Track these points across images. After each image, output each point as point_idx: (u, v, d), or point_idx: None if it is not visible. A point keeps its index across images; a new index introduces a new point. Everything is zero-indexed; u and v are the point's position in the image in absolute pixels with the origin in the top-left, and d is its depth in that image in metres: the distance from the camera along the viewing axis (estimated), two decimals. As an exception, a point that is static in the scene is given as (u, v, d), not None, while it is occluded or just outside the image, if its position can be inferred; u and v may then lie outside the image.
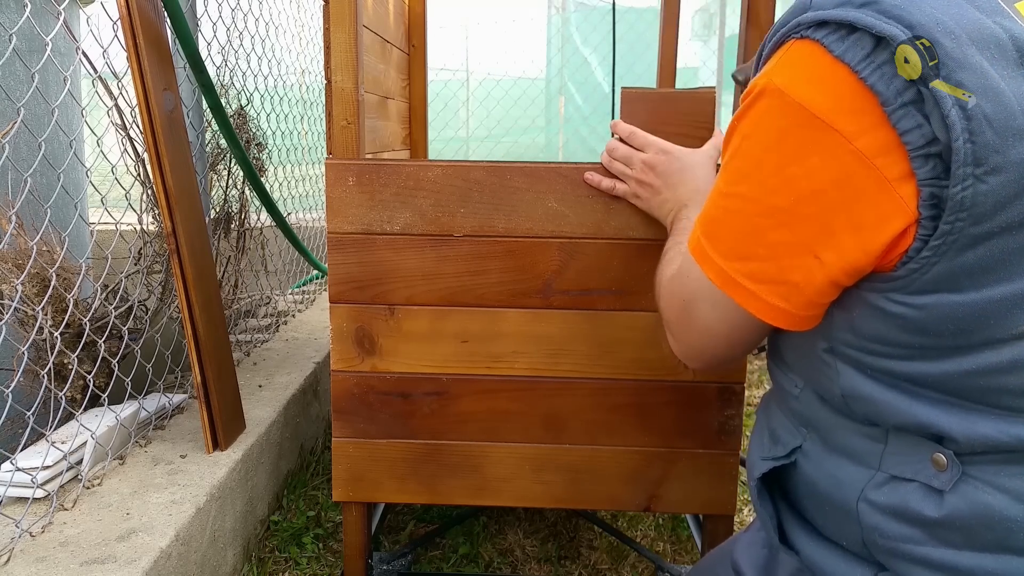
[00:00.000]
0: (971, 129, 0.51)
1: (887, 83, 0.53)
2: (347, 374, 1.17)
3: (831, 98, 0.55)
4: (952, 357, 0.57)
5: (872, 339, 0.60)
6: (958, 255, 0.53)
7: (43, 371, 1.24)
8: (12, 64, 1.39)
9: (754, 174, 0.60)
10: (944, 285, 0.55)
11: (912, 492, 0.61)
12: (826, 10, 0.56)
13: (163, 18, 1.32)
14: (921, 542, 0.60)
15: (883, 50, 0.53)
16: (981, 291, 0.54)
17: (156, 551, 1.06)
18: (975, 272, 0.54)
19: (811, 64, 0.56)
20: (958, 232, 0.53)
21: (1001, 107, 0.51)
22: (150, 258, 1.58)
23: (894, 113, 0.53)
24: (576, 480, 1.19)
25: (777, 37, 0.60)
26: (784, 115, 0.57)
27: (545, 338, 1.15)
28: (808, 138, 0.56)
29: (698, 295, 0.69)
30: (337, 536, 1.50)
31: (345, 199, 1.13)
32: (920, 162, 0.53)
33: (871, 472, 0.64)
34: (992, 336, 0.55)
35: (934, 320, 0.56)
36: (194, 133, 1.74)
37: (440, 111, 5.64)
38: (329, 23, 1.10)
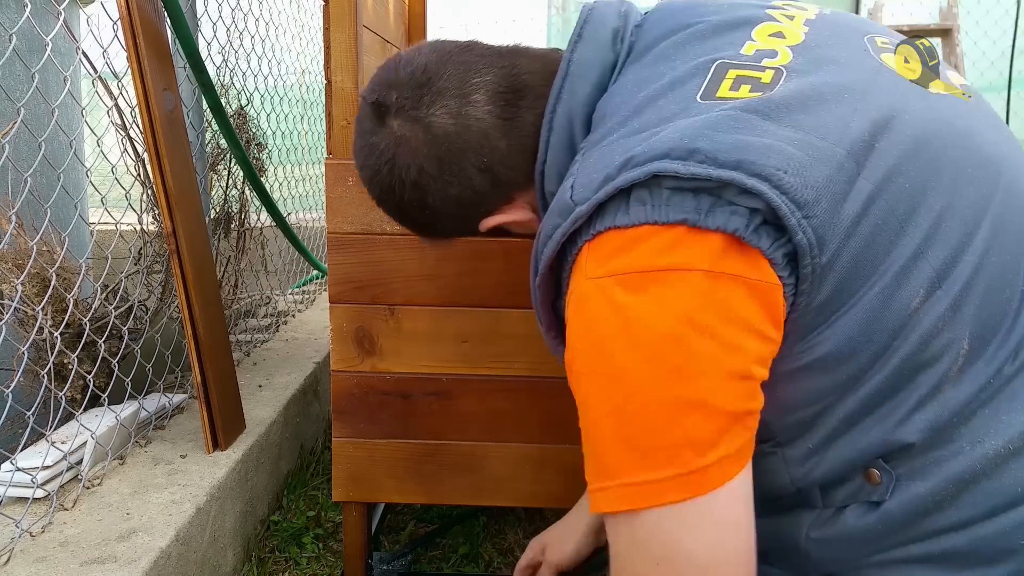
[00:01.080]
0: (776, 185, 0.55)
1: (679, 208, 0.56)
2: (347, 374, 1.17)
3: (654, 252, 0.57)
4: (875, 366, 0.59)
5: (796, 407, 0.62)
6: (824, 283, 0.57)
7: (43, 371, 1.24)
8: (12, 64, 1.39)
9: (624, 366, 0.58)
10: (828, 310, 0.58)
11: (849, 515, 0.63)
12: (610, 184, 0.59)
13: (163, 18, 1.32)
14: (868, 553, 0.63)
15: (658, 189, 0.57)
16: (857, 295, 0.58)
17: (156, 551, 1.06)
18: (843, 288, 0.58)
19: (621, 243, 0.59)
20: (816, 268, 0.57)
21: (780, 155, 0.56)
22: (150, 258, 1.58)
23: (703, 221, 0.56)
24: (576, 480, 1.18)
25: (551, 256, 0.64)
26: (626, 291, 0.58)
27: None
28: (657, 290, 0.57)
29: (665, 539, 0.57)
30: (337, 536, 1.50)
31: (345, 199, 1.12)
32: (756, 238, 0.56)
33: (817, 512, 0.66)
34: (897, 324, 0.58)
35: (843, 343, 0.59)
36: (194, 133, 1.74)
37: (440, 111, 5.64)
38: (329, 23, 1.10)
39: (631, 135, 0.61)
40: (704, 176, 0.55)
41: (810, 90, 0.60)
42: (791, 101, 0.59)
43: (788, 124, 0.58)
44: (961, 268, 0.58)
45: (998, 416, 0.59)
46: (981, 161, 0.61)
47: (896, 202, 0.58)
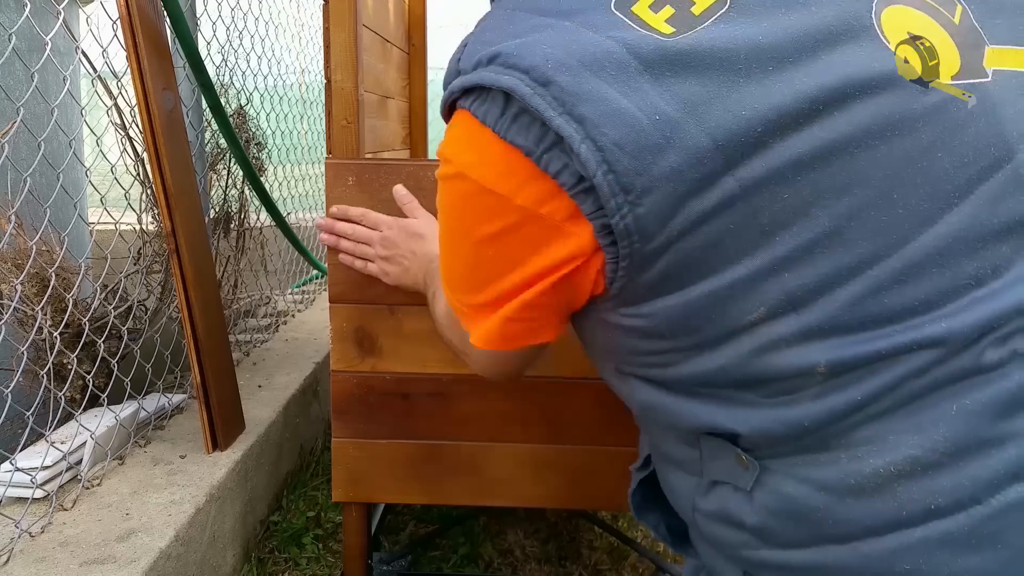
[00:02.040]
0: (606, 160, 0.50)
1: (525, 135, 0.53)
2: (347, 374, 1.17)
3: (487, 163, 0.55)
4: (700, 355, 0.56)
5: (631, 352, 0.61)
6: (648, 269, 0.54)
7: (42, 371, 1.24)
8: (12, 64, 1.39)
9: (450, 246, 0.63)
10: (653, 292, 0.55)
11: (729, 495, 0.61)
12: (465, 75, 0.56)
13: (163, 17, 1.32)
14: (754, 546, 0.60)
15: (514, 103, 0.53)
16: (687, 289, 0.54)
17: (156, 551, 1.05)
18: (671, 277, 0.54)
19: (467, 133, 0.57)
20: (637, 253, 0.53)
21: (628, 128, 0.50)
22: (149, 258, 1.58)
23: (540, 160, 0.53)
24: (577, 480, 1.18)
25: (446, 101, 0.61)
26: (459, 187, 0.58)
27: (545, 338, 1.15)
28: (481, 205, 0.57)
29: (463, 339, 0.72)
30: (337, 536, 1.50)
31: (345, 199, 1.12)
32: (581, 198, 0.53)
33: (696, 479, 0.64)
34: (724, 329, 0.54)
35: (662, 324, 0.56)
36: (194, 133, 1.74)
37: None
38: (329, 22, 1.10)
39: (526, 19, 0.56)
40: (544, 117, 0.51)
41: (727, 51, 0.51)
42: (692, 59, 0.51)
43: (666, 88, 0.50)
44: (831, 300, 0.52)
45: (886, 435, 0.53)
46: (929, 190, 0.52)
47: (762, 211, 0.51)
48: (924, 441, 0.52)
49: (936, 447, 0.52)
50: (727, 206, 0.51)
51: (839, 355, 0.52)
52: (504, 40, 0.55)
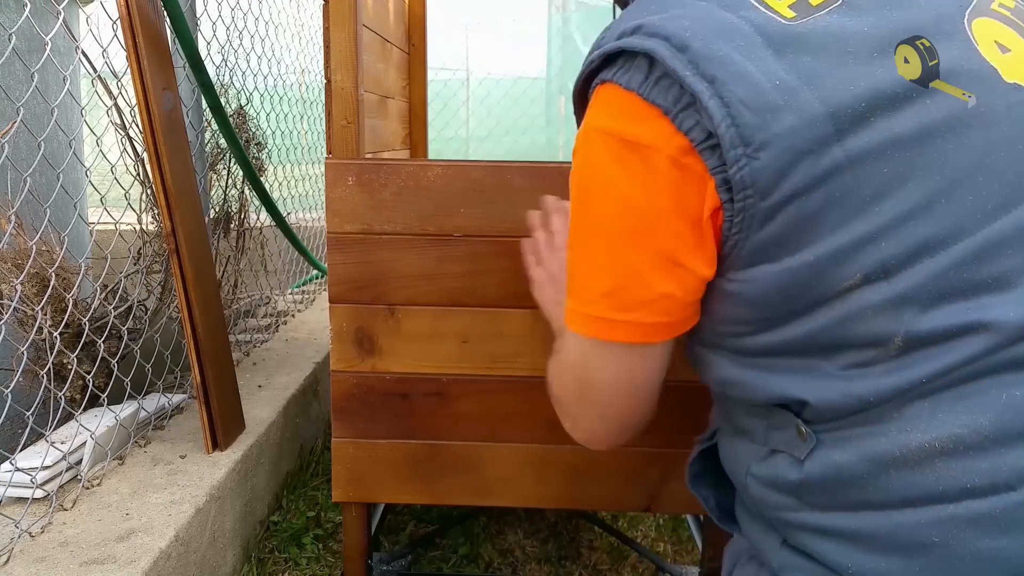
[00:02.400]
0: (731, 114, 0.56)
1: (665, 95, 0.59)
2: (347, 374, 1.17)
3: (633, 122, 0.61)
4: (791, 323, 0.61)
5: (722, 321, 0.66)
6: (760, 229, 0.59)
7: (42, 371, 1.24)
8: (11, 64, 1.39)
9: (596, 212, 0.65)
10: (759, 257, 0.60)
11: (781, 462, 0.65)
12: (606, 44, 0.63)
13: (163, 17, 1.32)
14: (795, 508, 0.64)
15: (656, 67, 0.60)
16: (794, 256, 0.58)
17: (156, 551, 1.05)
18: (782, 241, 0.59)
19: (612, 101, 0.63)
20: (752, 208, 0.58)
21: (752, 88, 0.56)
22: (149, 258, 1.58)
23: (676, 118, 0.59)
24: (576, 480, 1.18)
25: (583, 76, 0.67)
26: (606, 150, 0.63)
27: (546, 338, 1.14)
28: (631, 161, 0.61)
29: (587, 362, 0.71)
30: (337, 536, 1.50)
31: (345, 199, 1.12)
32: (707, 155, 0.58)
33: (758, 447, 0.69)
34: (820, 296, 0.59)
35: (762, 291, 0.61)
36: (194, 133, 1.74)
37: (440, 111, 5.64)
38: (329, 22, 1.10)
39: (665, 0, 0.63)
40: (680, 77, 0.58)
41: (839, 35, 0.58)
42: (810, 39, 0.58)
43: (788, 62, 0.57)
44: (919, 270, 0.57)
45: (935, 412, 0.58)
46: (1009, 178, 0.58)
47: (864, 182, 0.57)
48: (970, 423, 0.56)
49: (980, 430, 0.55)
50: (834, 174, 0.56)
51: (916, 327, 0.57)
52: (646, 16, 0.62)
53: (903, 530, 0.58)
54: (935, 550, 0.57)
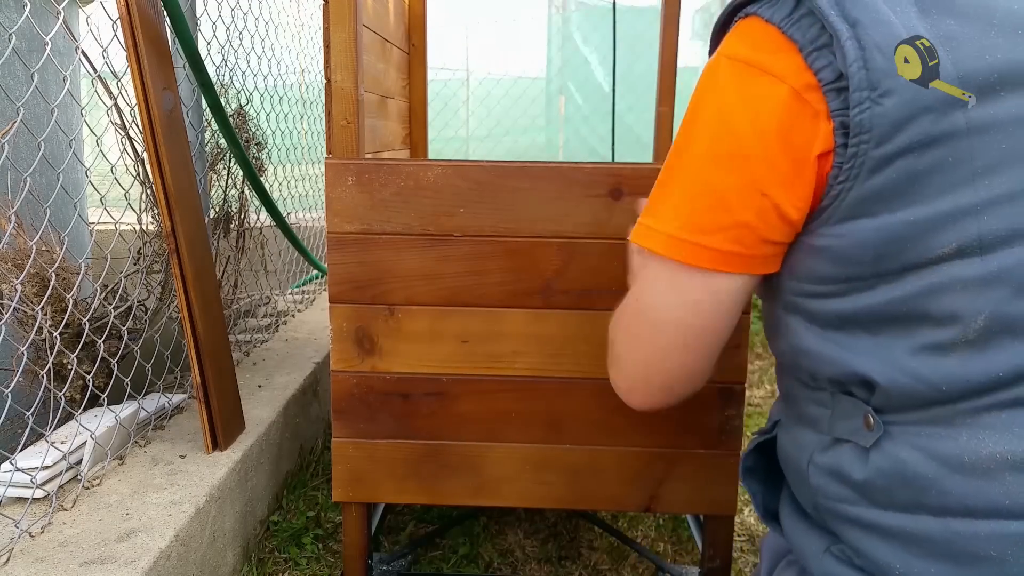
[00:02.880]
0: (864, 57, 0.57)
1: (803, 33, 0.61)
2: (347, 374, 1.17)
3: (765, 51, 0.62)
4: (876, 287, 0.60)
5: (807, 279, 0.65)
6: (868, 179, 0.58)
7: (42, 371, 1.24)
8: (12, 64, 1.39)
9: (697, 133, 0.66)
10: (860, 211, 0.60)
11: (846, 453, 0.65)
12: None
13: (162, 17, 1.32)
14: (853, 502, 0.64)
15: (802, 6, 0.61)
16: (895, 214, 0.58)
17: (156, 551, 1.05)
18: (885, 196, 0.58)
19: (751, 32, 0.64)
20: (863, 155, 0.58)
21: (889, 36, 0.57)
22: (149, 258, 1.58)
23: (809, 56, 0.60)
24: (576, 480, 1.18)
25: (721, 21, 0.69)
26: (729, 73, 0.64)
27: (545, 338, 1.15)
28: (750, 86, 0.63)
29: (652, 289, 0.70)
30: (337, 536, 1.50)
31: (345, 199, 1.12)
32: (832, 96, 0.59)
33: (821, 436, 0.68)
34: (911, 261, 0.58)
35: (855, 247, 0.60)
36: (193, 132, 1.74)
37: (440, 110, 5.64)
38: (329, 22, 1.10)
39: None
40: (824, 15, 0.59)
41: (988, 7, 0.58)
42: (957, 4, 0.58)
43: (930, 21, 0.58)
44: (1017, 252, 0.56)
45: (1011, 425, 0.56)
46: None
47: (979, 153, 0.56)
48: None
49: None
50: (951, 137, 0.56)
51: (1003, 309, 0.57)
52: None
53: (960, 539, 0.57)
54: (989, 564, 0.56)
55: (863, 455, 0.63)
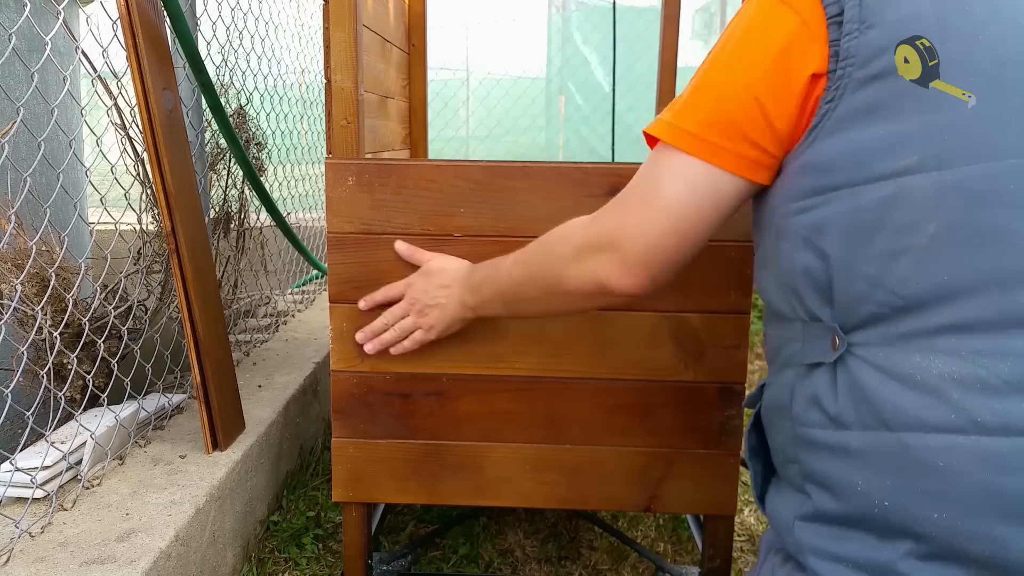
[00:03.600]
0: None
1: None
2: (347, 374, 1.17)
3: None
4: (848, 197, 0.68)
5: (795, 196, 0.72)
6: (850, 97, 0.67)
7: (42, 371, 1.24)
8: (12, 64, 1.39)
9: (717, 50, 0.76)
10: (841, 126, 0.68)
11: (820, 378, 0.72)
12: None
13: (163, 17, 1.32)
14: (824, 426, 0.71)
15: None
16: (868, 129, 0.66)
17: (156, 551, 1.05)
18: (863, 113, 0.67)
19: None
20: (848, 76, 0.67)
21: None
22: (149, 258, 1.58)
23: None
24: (576, 480, 1.18)
25: None
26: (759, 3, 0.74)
27: (546, 338, 1.15)
28: (771, 12, 0.72)
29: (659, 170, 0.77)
30: (337, 536, 1.50)
31: (345, 199, 1.12)
32: (833, 28, 0.69)
33: (798, 369, 0.75)
34: (877, 172, 0.66)
35: (835, 159, 0.68)
36: (193, 132, 1.74)
37: (440, 110, 5.64)
38: (329, 22, 1.10)
39: None
40: None
41: None
42: None
43: None
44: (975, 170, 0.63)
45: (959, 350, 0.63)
46: None
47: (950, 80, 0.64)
48: (991, 366, 0.62)
49: (1001, 375, 0.61)
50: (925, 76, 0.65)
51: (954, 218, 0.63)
52: None
53: (912, 451, 0.64)
54: (940, 474, 0.62)
55: (833, 380, 0.70)
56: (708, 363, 1.14)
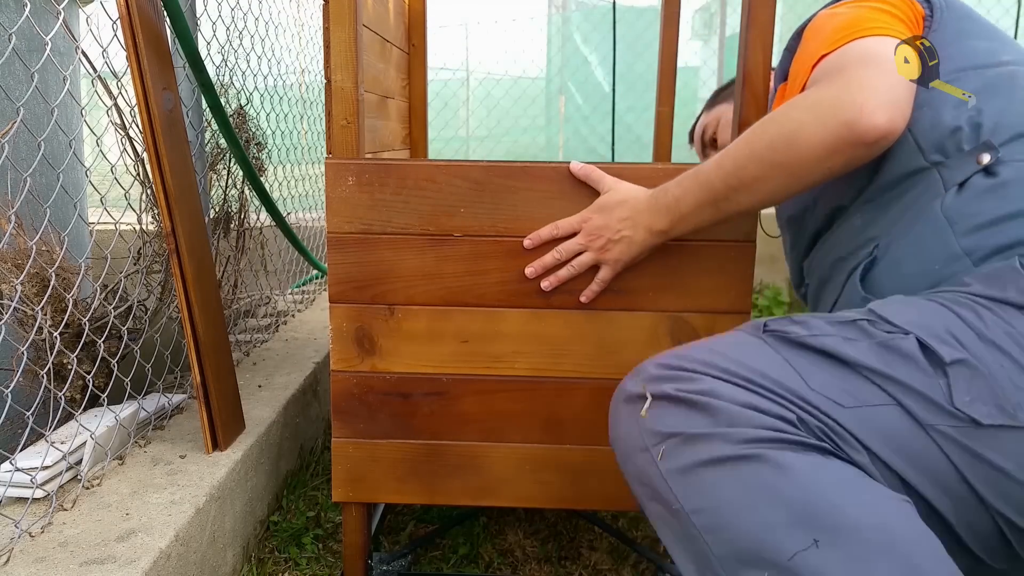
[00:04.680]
0: None
1: None
2: (347, 374, 1.17)
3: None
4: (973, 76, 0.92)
5: None
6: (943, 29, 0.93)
7: (42, 371, 1.24)
8: (12, 64, 1.39)
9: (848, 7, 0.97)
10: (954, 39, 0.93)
11: (975, 184, 0.85)
12: None
13: (163, 17, 1.32)
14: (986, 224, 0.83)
15: None
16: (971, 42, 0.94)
17: (156, 551, 1.05)
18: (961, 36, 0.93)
19: None
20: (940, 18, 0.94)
21: None
22: (149, 258, 1.58)
23: None
24: (577, 480, 1.18)
25: None
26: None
27: (546, 338, 1.15)
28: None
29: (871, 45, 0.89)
30: (337, 536, 1.50)
31: (345, 199, 1.12)
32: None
33: (941, 196, 0.87)
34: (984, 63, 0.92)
35: (958, 58, 0.92)
36: (193, 132, 1.74)
37: (440, 110, 5.64)
38: (329, 22, 1.10)
39: None
40: None
41: None
42: None
43: None
44: None
45: None
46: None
47: None
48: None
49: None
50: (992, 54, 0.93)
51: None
52: None
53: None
54: None
55: (990, 178, 0.84)
56: (708, 363, 1.14)
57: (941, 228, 0.86)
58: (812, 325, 0.79)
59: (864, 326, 0.77)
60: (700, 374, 0.77)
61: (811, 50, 0.95)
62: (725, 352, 0.79)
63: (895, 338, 0.74)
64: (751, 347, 0.79)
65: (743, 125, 1.11)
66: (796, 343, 0.78)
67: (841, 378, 0.74)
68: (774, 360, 0.77)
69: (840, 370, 0.75)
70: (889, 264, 0.90)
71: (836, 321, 0.79)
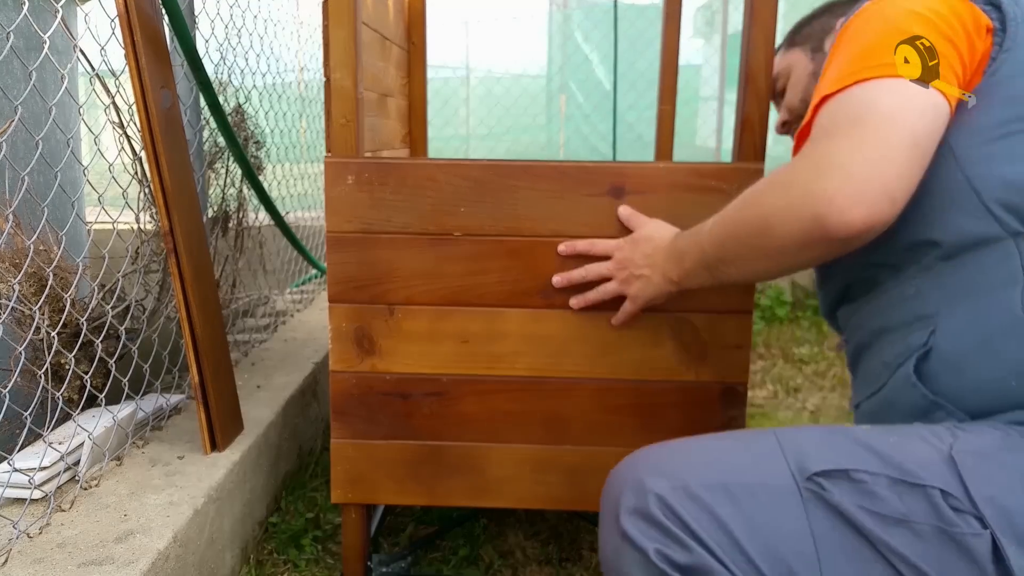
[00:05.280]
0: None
1: None
2: (346, 374, 1.16)
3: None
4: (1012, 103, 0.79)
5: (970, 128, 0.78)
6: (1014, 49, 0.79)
7: (40, 371, 1.23)
8: (10, 62, 1.38)
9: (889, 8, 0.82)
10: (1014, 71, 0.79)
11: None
12: None
13: (161, 15, 1.31)
14: None
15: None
16: None
17: (154, 553, 1.05)
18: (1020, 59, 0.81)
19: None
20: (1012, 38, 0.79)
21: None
22: (147, 257, 1.57)
23: None
24: (577, 481, 1.18)
25: None
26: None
27: (546, 338, 1.14)
28: None
29: (878, 96, 0.76)
30: (336, 538, 1.49)
31: (344, 198, 1.12)
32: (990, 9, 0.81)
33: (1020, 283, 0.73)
34: None
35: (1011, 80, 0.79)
36: (192, 131, 1.73)
37: (440, 109, 5.63)
38: (328, 20, 1.09)
39: None
40: None
41: None
42: None
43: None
44: None
45: None
46: None
47: None
48: None
49: None
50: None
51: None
52: None
53: None
54: None
55: None
56: (710, 363, 1.13)
57: (1020, 329, 0.71)
58: (875, 492, 0.66)
59: (935, 498, 0.64)
60: (697, 543, 0.68)
61: (829, 75, 0.81)
62: (741, 503, 0.68)
63: (963, 532, 0.62)
64: (777, 504, 0.68)
65: (745, 125, 1.10)
66: (839, 513, 0.66)
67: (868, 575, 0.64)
68: (796, 533, 0.66)
69: (875, 567, 0.64)
70: (950, 363, 0.76)
71: (900, 479, 0.66)
